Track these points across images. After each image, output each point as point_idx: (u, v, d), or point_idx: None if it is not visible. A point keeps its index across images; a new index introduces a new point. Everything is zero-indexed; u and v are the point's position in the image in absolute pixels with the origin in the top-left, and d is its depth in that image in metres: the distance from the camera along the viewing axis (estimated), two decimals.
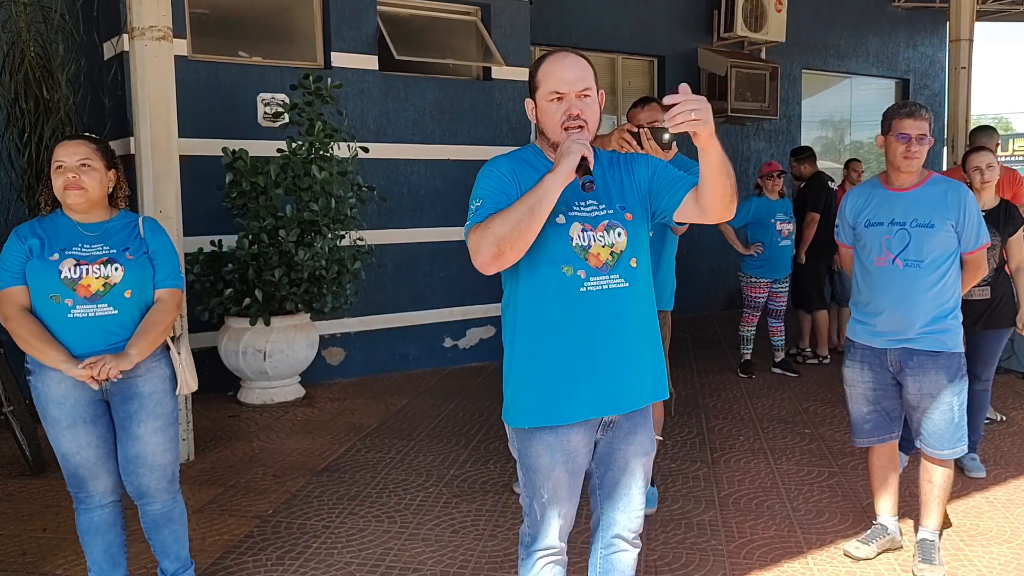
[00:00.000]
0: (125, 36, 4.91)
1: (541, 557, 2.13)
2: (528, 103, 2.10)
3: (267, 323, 5.46)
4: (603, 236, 2.03)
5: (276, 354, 5.53)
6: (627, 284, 2.05)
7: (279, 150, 5.55)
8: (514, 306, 2.08)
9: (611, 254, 2.03)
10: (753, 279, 6.34)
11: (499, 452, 4.57)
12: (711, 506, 3.78)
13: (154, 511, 2.79)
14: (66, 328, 2.56)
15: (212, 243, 5.58)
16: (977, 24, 8.85)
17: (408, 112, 6.67)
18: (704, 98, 1.79)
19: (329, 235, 5.56)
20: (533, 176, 2.01)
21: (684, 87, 1.79)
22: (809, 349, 6.92)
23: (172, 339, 2.78)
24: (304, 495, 3.97)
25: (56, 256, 2.57)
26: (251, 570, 3.19)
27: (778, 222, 6.26)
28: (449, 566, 3.21)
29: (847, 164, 7.62)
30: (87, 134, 2.84)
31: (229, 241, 5.61)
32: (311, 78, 5.59)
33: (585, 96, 2.01)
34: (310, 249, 5.42)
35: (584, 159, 1.90)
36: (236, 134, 5.85)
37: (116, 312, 2.59)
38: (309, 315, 5.77)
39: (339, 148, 5.80)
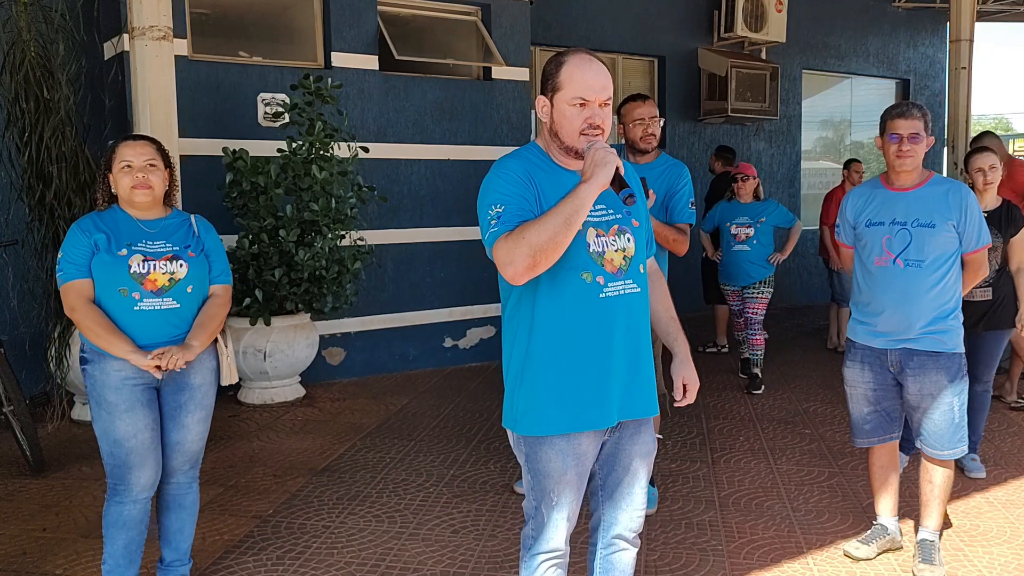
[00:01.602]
0: (125, 36, 4.92)
1: (545, 560, 2.13)
2: (542, 100, 2.05)
3: (267, 323, 5.46)
4: (615, 240, 2.04)
5: (276, 354, 5.53)
6: (639, 289, 2.09)
7: (279, 150, 5.55)
8: (530, 313, 2.04)
9: (624, 259, 2.05)
10: (723, 285, 6.32)
11: (499, 452, 4.57)
12: (711, 506, 3.78)
13: (169, 491, 2.88)
14: (132, 320, 2.65)
15: None
16: (977, 24, 8.86)
17: (408, 112, 6.67)
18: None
19: (329, 235, 5.56)
20: (544, 177, 2.01)
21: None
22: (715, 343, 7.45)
23: (219, 332, 2.88)
24: (304, 495, 3.97)
25: (124, 251, 2.67)
26: (251, 570, 3.19)
27: (733, 226, 6.04)
28: (449, 566, 3.21)
29: (847, 164, 7.57)
30: (142, 135, 2.92)
31: (229, 241, 5.61)
32: (311, 78, 5.59)
33: (606, 105, 2.00)
34: (310, 249, 5.42)
35: (617, 170, 1.92)
36: (236, 134, 5.85)
37: (179, 306, 2.71)
38: (309, 315, 5.77)
39: (339, 148, 5.80)
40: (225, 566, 3.23)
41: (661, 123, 3.74)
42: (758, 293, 6.02)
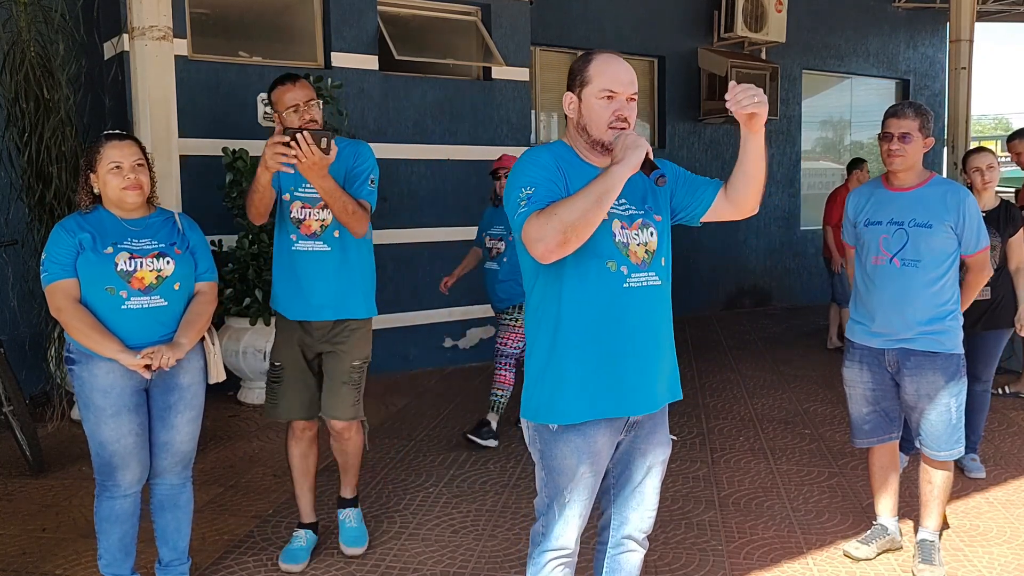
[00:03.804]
0: (125, 36, 4.91)
1: (553, 558, 2.13)
2: (569, 97, 2.08)
3: (267, 323, 5.46)
4: (638, 234, 2.07)
5: None
6: (661, 282, 2.11)
7: None
8: (556, 303, 2.05)
9: (647, 252, 2.08)
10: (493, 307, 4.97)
11: (499, 452, 4.57)
12: (711, 506, 3.78)
13: (162, 492, 2.88)
14: (120, 319, 2.63)
15: (212, 243, 5.58)
16: (977, 24, 8.86)
17: (408, 112, 6.67)
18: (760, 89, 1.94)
19: None
20: (574, 172, 2.04)
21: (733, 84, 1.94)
22: None
23: (206, 331, 2.87)
24: None
25: (110, 249, 2.64)
26: (251, 570, 3.19)
27: (488, 237, 4.91)
28: (449, 566, 3.21)
29: (856, 164, 7.30)
30: (123, 132, 2.88)
31: (229, 241, 5.61)
32: (311, 78, 5.56)
33: (632, 100, 2.05)
34: None
35: (648, 154, 1.96)
36: (236, 134, 5.85)
37: (166, 304, 2.70)
38: None
39: None
40: (225, 566, 3.23)
41: (320, 106, 3.24)
42: (511, 320, 4.78)
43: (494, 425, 4.72)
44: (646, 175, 1.99)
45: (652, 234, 2.10)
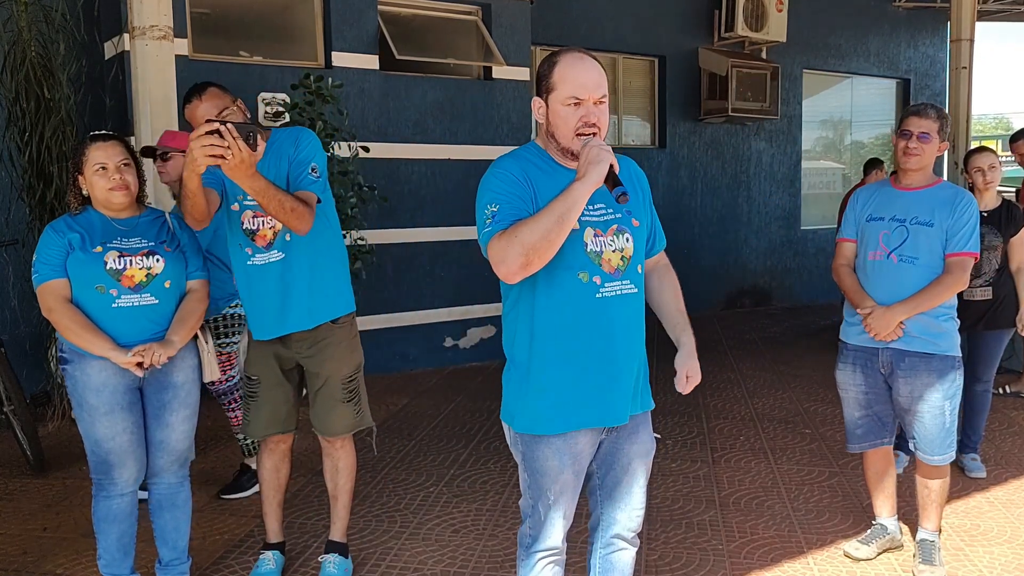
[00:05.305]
0: (126, 35, 4.91)
1: (542, 558, 2.14)
2: (537, 102, 2.04)
3: None
4: (613, 241, 2.03)
5: None
6: (636, 290, 2.07)
7: None
8: (530, 313, 2.04)
9: (621, 259, 2.04)
10: None
11: (499, 452, 4.57)
12: (711, 506, 3.78)
13: (159, 491, 2.88)
14: (111, 317, 2.64)
15: None
16: (978, 24, 8.86)
17: (409, 112, 6.67)
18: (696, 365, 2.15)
19: None
20: (542, 177, 2.01)
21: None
22: None
23: (199, 329, 2.87)
24: (304, 495, 3.97)
25: (100, 248, 2.66)
26: (251, 569, 3.19)
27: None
28: (449, 566, 3.21)
29: (872, 164, 7.21)
30: (109, 132, 2.86)
31: None
32: (312, 78, 5.59)
33: (601, 103, 1.99)
34: None
35: (612, 168, 1.90)
36: None
37: (157, 302, 2.70)
38: None
39: (340, 148, 5.80)
40: (226, 565, 3.24)
41: (243, 110, 2.94)
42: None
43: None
44: (608, 190, 1.92)
45: (628, 240, 2.04)
